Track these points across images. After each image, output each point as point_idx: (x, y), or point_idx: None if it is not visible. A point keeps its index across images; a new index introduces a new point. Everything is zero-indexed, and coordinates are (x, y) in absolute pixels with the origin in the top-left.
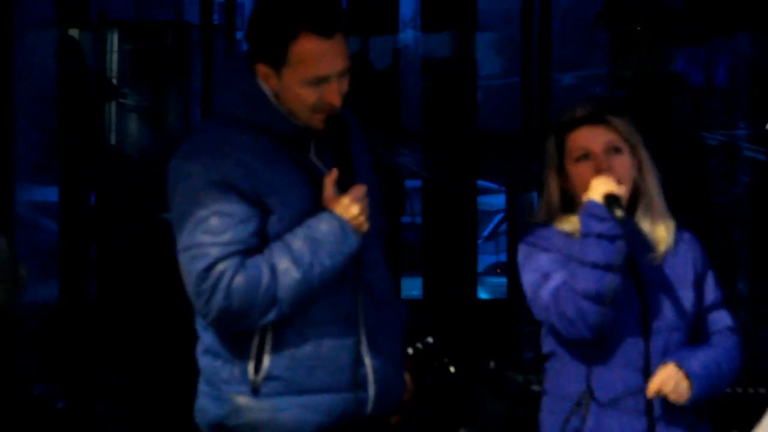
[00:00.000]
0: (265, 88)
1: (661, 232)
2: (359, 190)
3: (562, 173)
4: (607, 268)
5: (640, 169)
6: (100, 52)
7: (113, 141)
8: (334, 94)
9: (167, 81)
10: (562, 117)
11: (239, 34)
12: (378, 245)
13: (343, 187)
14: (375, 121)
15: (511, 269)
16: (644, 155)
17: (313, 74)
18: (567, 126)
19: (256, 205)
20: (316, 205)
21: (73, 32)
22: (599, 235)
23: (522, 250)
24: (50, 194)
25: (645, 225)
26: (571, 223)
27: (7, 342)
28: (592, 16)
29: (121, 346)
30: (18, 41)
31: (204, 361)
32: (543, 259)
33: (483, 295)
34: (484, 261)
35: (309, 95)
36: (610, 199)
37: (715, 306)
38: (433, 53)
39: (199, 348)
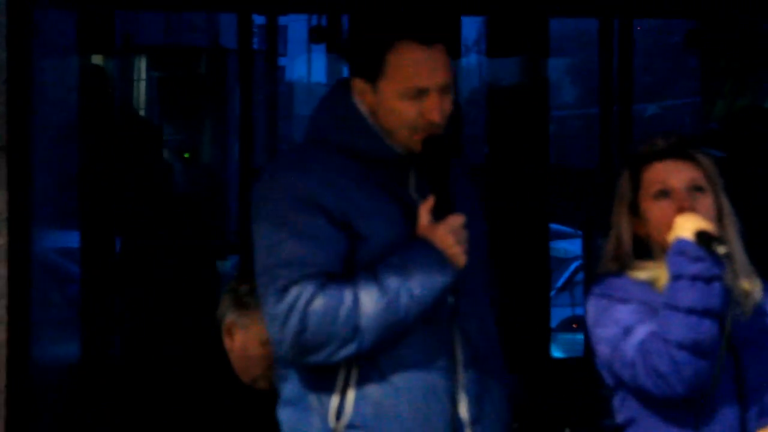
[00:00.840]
0: (362, 107)
1: (746, 285)
2: (456, 219)
3: (636, 212)
4: (705, 313)
5: (719, 215)
6: (127, 80)
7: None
8: (434, 109)
9: (202, 111)
10: (640, 149)
11: (282, 60)
12: (482, 296)
13: (439, 216)
14: None
15: None
16: (725, 201)
17: (411, 85)
18: (645, 159)
19: (343, 229)
20: (410, 235)
21: (97, 59)
22: (694, 277)
23: (594, 304)
24: (73, 240)
25: (728, 278)
26: (647, 271)
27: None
28: (680, 39)
29: (148, 409)
30: (36, 69)
31: (283, 415)
32: (622, 312)
33: (557, 353)
34: (558, 314)
35: (407, 110)
36: (705, 237)
37: None
38: (500, 80)
39: (279, 404)
